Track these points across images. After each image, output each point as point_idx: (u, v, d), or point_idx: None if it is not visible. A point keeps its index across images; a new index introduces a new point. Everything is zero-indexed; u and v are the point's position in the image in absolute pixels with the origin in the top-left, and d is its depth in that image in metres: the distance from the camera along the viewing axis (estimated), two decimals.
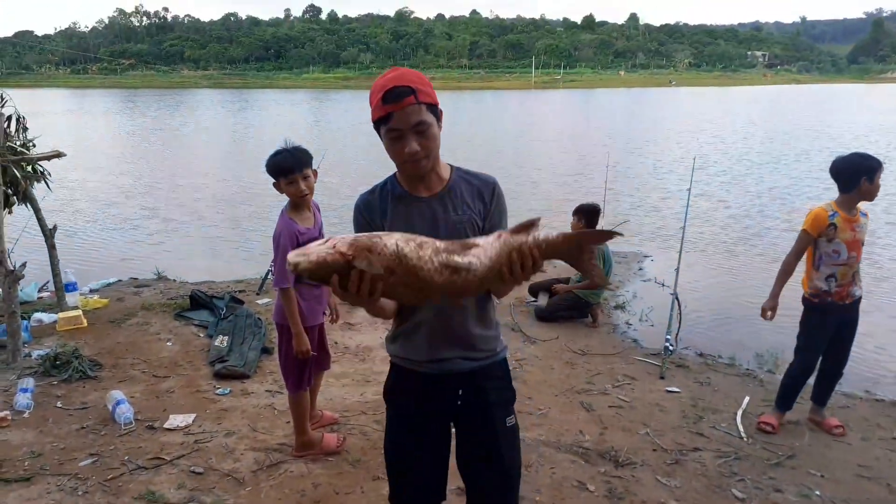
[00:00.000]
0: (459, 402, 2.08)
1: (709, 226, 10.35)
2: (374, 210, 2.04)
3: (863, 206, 3.84)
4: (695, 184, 5.87)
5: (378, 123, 1.89)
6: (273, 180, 3.33)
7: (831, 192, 3.89)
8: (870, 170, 3.66)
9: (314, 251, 1.59)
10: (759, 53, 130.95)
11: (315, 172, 3.38)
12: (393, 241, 1.61)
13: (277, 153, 3.29)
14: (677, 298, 5.25)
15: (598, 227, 7.83)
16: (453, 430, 2.18)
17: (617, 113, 40.19)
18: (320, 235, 3.43)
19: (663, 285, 6.55)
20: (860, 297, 3.88)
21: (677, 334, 5.45)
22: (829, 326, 3.89)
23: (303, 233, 3.31)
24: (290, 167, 3.25)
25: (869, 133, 23.80)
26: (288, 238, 3.26)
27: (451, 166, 2.06)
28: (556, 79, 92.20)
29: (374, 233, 1.67)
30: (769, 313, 3.94)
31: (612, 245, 8.12)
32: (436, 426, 2.15)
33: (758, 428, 4.06)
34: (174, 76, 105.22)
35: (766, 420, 4.07)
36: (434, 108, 1.90)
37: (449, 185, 2.01)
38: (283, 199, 3.42)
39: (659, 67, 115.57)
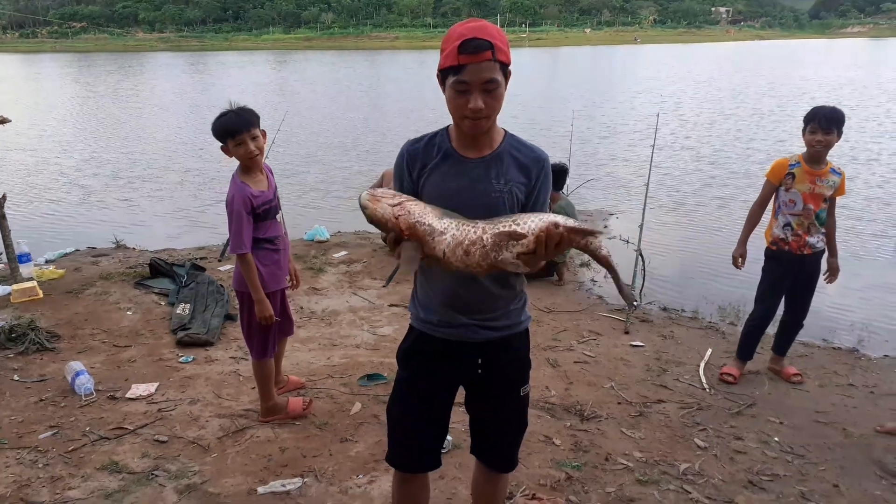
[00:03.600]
0: (480, 371, 2.06)
1: (672, 183, 10.42)
2: (415, 160, 1.99)
3: (836, 163, 3.90)
4: (657, 142, 5.87)
5: (447, 72, 1.82)
6: (221, 143, 3.22)
7: (786, 148, 3.93)
8: (805, 122, 3.81)
9: (383, 207, 1.77)
10: (722, 10, 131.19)
11: (264, 133, 3.27)
12: (444, 244, 1.75)
13: (222, 115, 3.18)
14: (641, 255, 5.31)
15: (566, 186, 7.83)
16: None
17: (582, 70, 40.04)
18: (276, 199, 3.34)
19: (628, 242, 6.59)
20: (822, 251, 3.95)
21: (642, 290, 5.51)
22: (785, 276, 3.98)
23: (256, 196, 3.21)
24: (236, 128, 3.13)
25: (816, 89, 24.10)
26: (241, 203, 3.15)
27: (505, 132, 1.99)
28: (522, 37, 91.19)
29: (434, 225, 1.77)
30: (739, 260, 4.03)
31: (578, 205, 8.14)
32: (446, 393, 2.14)
33: (720, 379, 4.15)
34: (129, 39, 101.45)
35: (727, 371, 4.17)
36: (506, 68, 1.84)
37: (497, 152, 1.95)
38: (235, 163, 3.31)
39: (624, 24, 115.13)
